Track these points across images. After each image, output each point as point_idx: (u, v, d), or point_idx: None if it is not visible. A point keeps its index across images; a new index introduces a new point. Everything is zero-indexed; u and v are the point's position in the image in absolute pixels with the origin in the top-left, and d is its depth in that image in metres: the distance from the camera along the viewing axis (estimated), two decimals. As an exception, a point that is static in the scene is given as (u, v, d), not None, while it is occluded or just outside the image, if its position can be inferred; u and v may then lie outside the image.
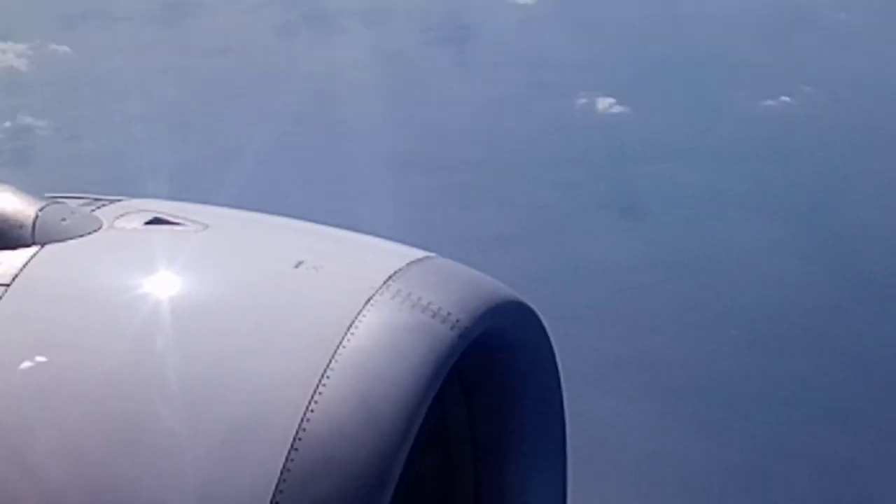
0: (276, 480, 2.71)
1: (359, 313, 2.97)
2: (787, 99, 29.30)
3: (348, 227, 3.59)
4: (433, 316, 3.02)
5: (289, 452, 2.74)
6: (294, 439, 2.76)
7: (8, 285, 3.06)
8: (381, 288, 3.05)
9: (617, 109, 28.64)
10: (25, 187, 3.36)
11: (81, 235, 3.23)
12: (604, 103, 29.35)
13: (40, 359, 2.93)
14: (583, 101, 29.10)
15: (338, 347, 2.90)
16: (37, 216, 3.23)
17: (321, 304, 3.06)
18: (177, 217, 3.32)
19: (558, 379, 3.53)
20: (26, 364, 2.91)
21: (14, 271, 3.09)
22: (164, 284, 3.08)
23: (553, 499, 3.54)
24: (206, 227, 3.30)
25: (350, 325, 2.94)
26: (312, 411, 2.79)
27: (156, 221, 3.31)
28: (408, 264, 3.18)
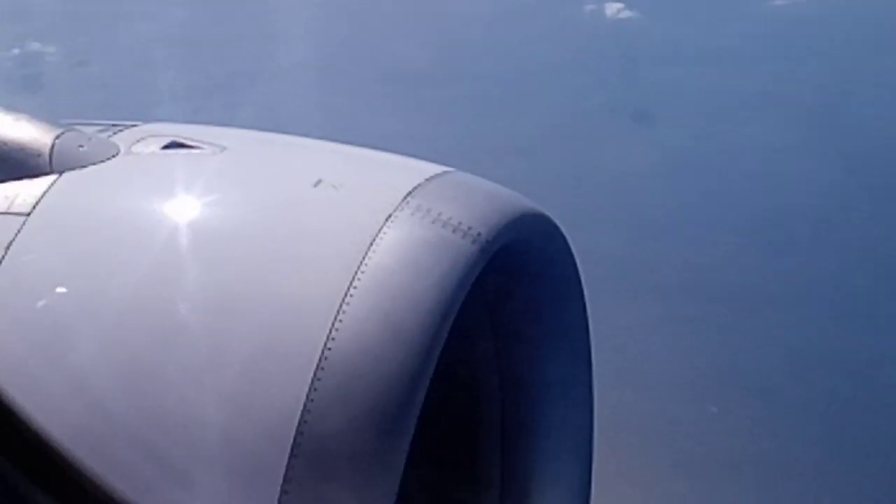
0: (303, 400, 2.74)
1: (379, 231, 2.98)
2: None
3: (363, 144, 3.59)
4: (454, 231, 3.03)
5: (315, 371, 2.76)
6: (320, 358, 2.78)
7: (28, 214, 3.06)
8: (400, 204, 3.05)
9: (626, 14, 28.39)
10: (40, 115, 3.35)
11: (99, 162, 3.24)
12: (612, 8, 29.10)
13: (63, 287, 2.95)
14: (591, 7, 28.83)
15: (360, 266, 2.91)
16: (54, 144, 3.23)
17: (341, 222, 3.07)
18: (193, 140, 3.32)
19: (581, 288, 3.55)
20: (50, 293, 2.93)
21: (33, 200, 3.09)
22: (184, 208, 3.09)
23: (578, 401, 3.57)
24: (224, 149, 3.30)
25: (371, 243, 2.95)
26: (337, 330, 2.81)
27: (173, 145, 3.31)
28: (426, 180, 3.18)
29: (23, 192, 3.12)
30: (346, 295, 2.85)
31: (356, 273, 2.89)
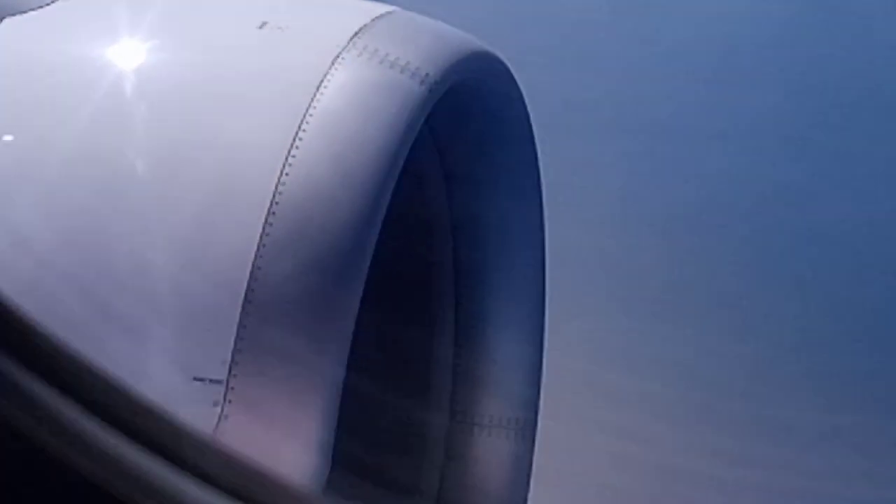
0: (256, 244, 2.74)
1: (326, 73, 2.95)
2: None
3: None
4: (401, 71, 3.00)
5: (266, 216, 2.75)
6: (271, 203, 2.77)
7: None
8: (347, 46, 3.02)
9: None
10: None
11: (41, 7, 3.17)
12: None
13: (7, 136, 2.91)
14: None
15: (308, 109, 2.88)
16: None
17: (288, 65, 3.03)
18: None
19: (530, 128, 3.54)
20: (1, 137, 2.89)
21: None
22: (130, 52, 3.04)
23: (529, 241, 3.58)
24: None
25: (319, 86, 2.92)
26: (287, 174, 2.80)
27: None
28: (372, 20, 3.14)
29: None
30: (294, 139, 2.83)
31: (304, 116, 2.86)
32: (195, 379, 2.70)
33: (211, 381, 2.69)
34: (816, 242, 7.26)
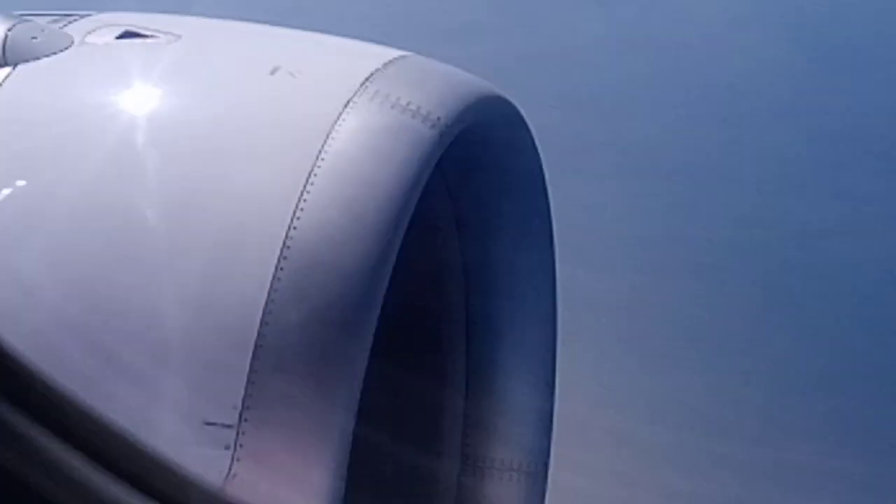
0: (267, 289, 2.72)
1: (338, 117, 2.95)
2: None
3: (318, 29, 3.54)
4: (413, 116, 3.00)
5: (278, 261, 2.74)
6: (283, 247, 2.76)
7: None
8: (359, 90, 3.02)
9: None
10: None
11: (54, 53, 3.17)
12: None
13: (22, 182, 2.91)
14: None
15: (319, 153, 2.88)
16: (6, 36, 3.16)
17: (300, 110, 3.03)
18: (148, 29, 3.26)
19: (542, 172, 3.53)
20: (10, 185, 2.89)
21: None
22: (141, 99, 3.04)
23: (542, 288, 3.57)
24: (179, 37, 3.24)
25: (330, 130, 2.92)
26: (299, 218, 2.79)
27: (127, 35, 3.25)
28: (384, 64, 3.14)
29: None
30: (306, 183, 2.82)
31: (316, 160, 2.86)
32: (206, 423, 2.68)
33: (222, 425, 2.67)
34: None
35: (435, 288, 3.56)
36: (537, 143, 3.52)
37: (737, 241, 7.39)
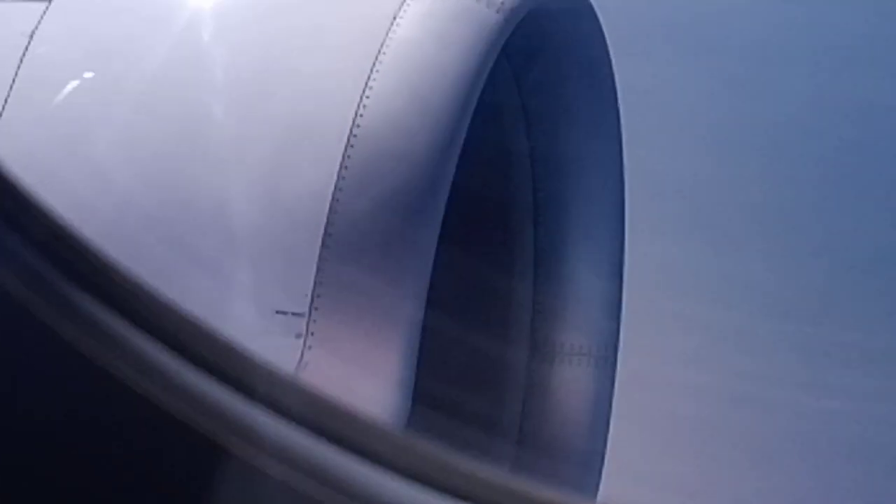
0: (335, 176, 2.73)
1: (403, 3, 2.92)
2: None
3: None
4: (477, 0, 2.97)
5: (345, 148, 2.74)
6: (349, 135, 2.75)
7: (49, 0, 3.01)
8: None
9: None
10: None
11: None
12: None
13: (89, 72, 2.91)
14: None
15: (384, 39, 2.85)
16: None
17: None
18: None
19: (608, 52, 3.48)
20: (76, 82, 2.90)
21: None
22: None
23: (610, 174, 3.55)
24: None
25: (395, 17, 2.89)
26: (365, 106, 2.78)
27: None
28: None
29: None
30: (371, 70, 2.81)
31: (381, 47, 2.84)
32: (277, 312, 2.70)
33: (293, 314, 2.69)
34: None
35: (502, 174, 3.55)
36: (604, 27, 3.47)
37: (802, 120, 7.27)
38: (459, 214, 2.90)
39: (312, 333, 2.69)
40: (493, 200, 3.56)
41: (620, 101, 3.56)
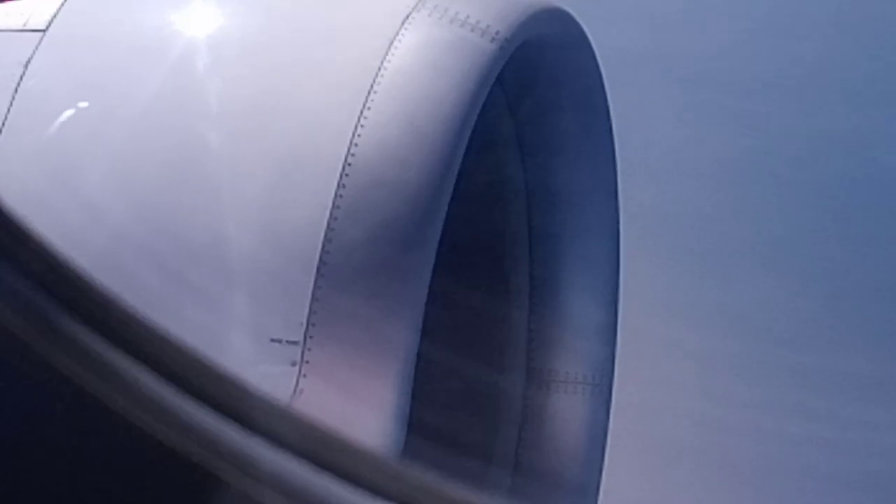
0: (329, 205, 2.73)
1: (397, 33, 2.93)
2: None
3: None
4: (472, 30, 2.97)
5: (340, 177, 2.74)
6: (344, 164, 2.75)
7: (44, 30, 3.01)
8: (416, 5, 2.99)
9: None
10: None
11: None
12: None
13: (84, 103, 2.92)
14: None
15: (379, 69, 2.86)
16: None
17: (358, 26, 3.02)
18: None
19: (602, 83, 3.49)
20: (70, 113, 2.90)
21: (49, 16, 3.03)
22: (202, 17, 3.03)
23: (604, 205, 3.55)
24: None
25: (389, 46, 2.90)
26: (360, 135, 2.78)
27: None
28: None
29: (37, 8, 3.06)
30: (366, 99, 2.81)
31: (376, 76, 2.84)
32: (272, 340, 2.70)
33: (288, 342, 2.69)
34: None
35: (496, 203, 3.55)
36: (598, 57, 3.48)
37: (795, 148, 7.29)
38: (454, 243, 2.91)
39: (307, 362, 2.69)
40: (488, 229, 3.56)
41: (615, 131, 3.57)
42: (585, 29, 3.42)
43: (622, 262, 3.58)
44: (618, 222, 3.56)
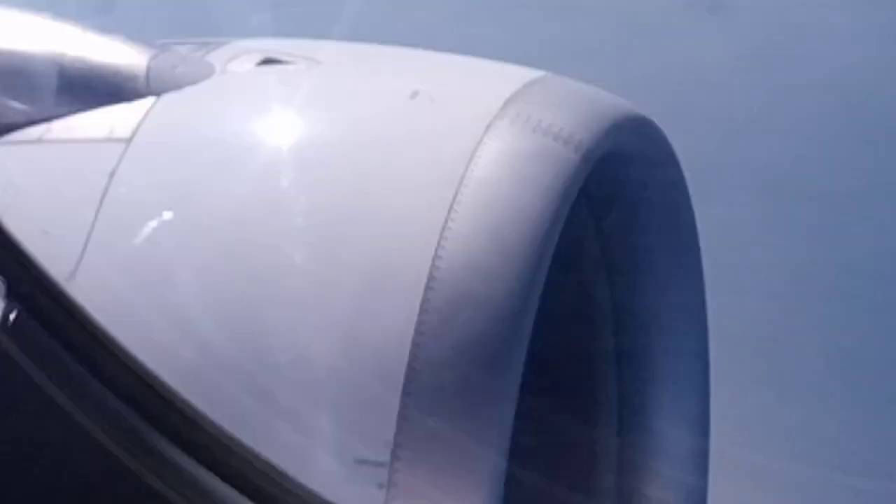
0: (415, 321, 2.64)
1: (479, 142, 2.87)
2: None
3: (453, 51, 3.48)
4: (555, 138, 2.91)
5: (425, 292, 2.66)
6: (428, 278, 2.68)
7: (129, 140, 2.98)
8: (499, 113, 2.94)
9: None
10: (131, 36, 3.28)
11: (196, 82, 3.15)
12: None
13: (169, 213, 2.87)
14: None
15: (462, 180, 2.80)
16: (149, 66, 3.14)
17: (440, 135, 2.96)
18: (288, 55, 3.23)
19: (687, 193, 3.42)
20: (157, 224, 2.86)
21: (133, 125, 3.01)
22: (285, 127, 3.01)
23: (694, 314, 3.46)
24: (318, 63, 3.21)
25: (472, 156, 2.84)
26: (444, 248, 2.71)
27: (267, 61, 3.23)
28: (524, 86, 3.05)
29: (122, 117, 3.04)
30: (450, 211, 2.75)
31: (459, 187, 2.78)
32: (358, 461, 2.61)
33: (374, 463, 2.60)
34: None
35: (582, 321, 3.46)
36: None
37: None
38: (539, 362, 2.81)
39: (395, 483, 2.59)
40: (573, 348, 3.46)
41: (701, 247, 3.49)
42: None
43: (713, 384, 3.48)
44: (707, 343, 3.46)
